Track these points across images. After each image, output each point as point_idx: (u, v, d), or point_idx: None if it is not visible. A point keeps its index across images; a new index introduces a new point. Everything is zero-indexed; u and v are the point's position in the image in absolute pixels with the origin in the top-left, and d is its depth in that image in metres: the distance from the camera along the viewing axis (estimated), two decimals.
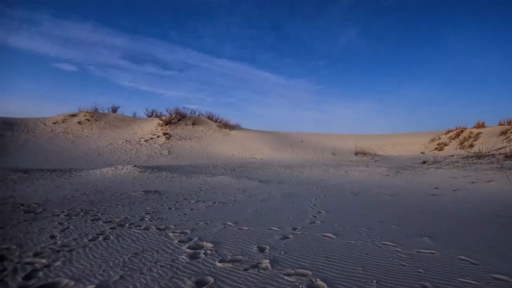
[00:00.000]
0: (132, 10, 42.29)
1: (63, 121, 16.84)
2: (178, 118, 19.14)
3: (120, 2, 40.92)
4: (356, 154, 14.24)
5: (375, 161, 12.27)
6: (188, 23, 43.65)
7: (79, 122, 16.97)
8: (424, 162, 10.75)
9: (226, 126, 19.00)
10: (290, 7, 39.55)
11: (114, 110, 20.20)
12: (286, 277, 1.86)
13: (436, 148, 14.54)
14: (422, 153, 14.26)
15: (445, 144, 14.65)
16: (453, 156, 11.75)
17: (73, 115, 17.73)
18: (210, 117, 20.81)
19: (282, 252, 2.31)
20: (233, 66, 45.98)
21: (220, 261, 2.11)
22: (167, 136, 16.30)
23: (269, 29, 43.38)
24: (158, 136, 16.13)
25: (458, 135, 15.10)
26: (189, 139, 16.39)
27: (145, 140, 15.38)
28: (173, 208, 4.03)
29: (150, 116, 20.90)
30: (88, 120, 17.32)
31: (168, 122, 18.28)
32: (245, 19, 42.10)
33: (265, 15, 40.58)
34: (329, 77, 50.71)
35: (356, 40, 41.62)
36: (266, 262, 2.09)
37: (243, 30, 42.90)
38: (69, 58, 41.44)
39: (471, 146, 13.02)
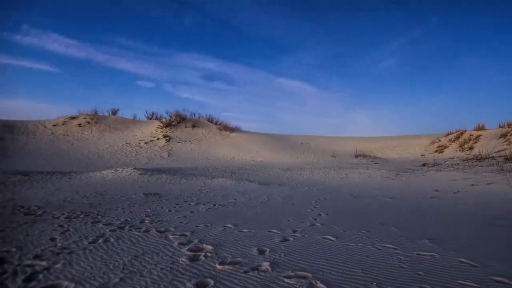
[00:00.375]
0: (229, 43, 50.97)
1: (63, 124, 16.86)
2: (178, 120, 19.16)
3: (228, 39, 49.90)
4: (356, 156, 14.24)
5: (375, 163, 12.27)
6: (273, 54, 52.64)
7: (79, 125, 16.99)
8: (424, 165, 10.75)
9: (226, 128, 18.99)
10: (354, 45, 50.68)
11: (114, 112, 20.22)
12: (286, 280, 1.86)
13: (436, 151, 14.54)
14: (422, 155, 14.27)
15: (445, 147, 14.66)
16: (453, 158, 11.75)
17: (73, 118, 17.76)
18: (210, 120, 20.82)
19: (282, 255, 2.31)
20: (285, 82, 52.39)
21: (220, 264, 2.11)
22: (167, 138, 16.32)
23: (330, 59, 53.07)
24: (158, 139, 16.14)
25: (458, 137, 15.12)
26: (189, 141, 16.40)
27: (145, 143, 15.39)
28: (173, 211, 4.03)
29: (150, 119, 20.90)
30: (88, 123, 17.35)
31: (168, 125, 18.30)
32: (318, 53, 51.84)
33: (333, 51, 51.25)
34: (356, 88, 56.24)
35: (392, 65, 50.88)
36: (266, 265, 2.09)
37: (311, 60, 51.99)
38: (153, 77, 50.23)
39: (471, 148, 13.03)
